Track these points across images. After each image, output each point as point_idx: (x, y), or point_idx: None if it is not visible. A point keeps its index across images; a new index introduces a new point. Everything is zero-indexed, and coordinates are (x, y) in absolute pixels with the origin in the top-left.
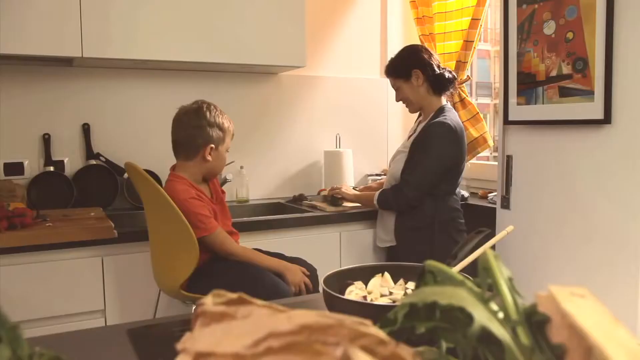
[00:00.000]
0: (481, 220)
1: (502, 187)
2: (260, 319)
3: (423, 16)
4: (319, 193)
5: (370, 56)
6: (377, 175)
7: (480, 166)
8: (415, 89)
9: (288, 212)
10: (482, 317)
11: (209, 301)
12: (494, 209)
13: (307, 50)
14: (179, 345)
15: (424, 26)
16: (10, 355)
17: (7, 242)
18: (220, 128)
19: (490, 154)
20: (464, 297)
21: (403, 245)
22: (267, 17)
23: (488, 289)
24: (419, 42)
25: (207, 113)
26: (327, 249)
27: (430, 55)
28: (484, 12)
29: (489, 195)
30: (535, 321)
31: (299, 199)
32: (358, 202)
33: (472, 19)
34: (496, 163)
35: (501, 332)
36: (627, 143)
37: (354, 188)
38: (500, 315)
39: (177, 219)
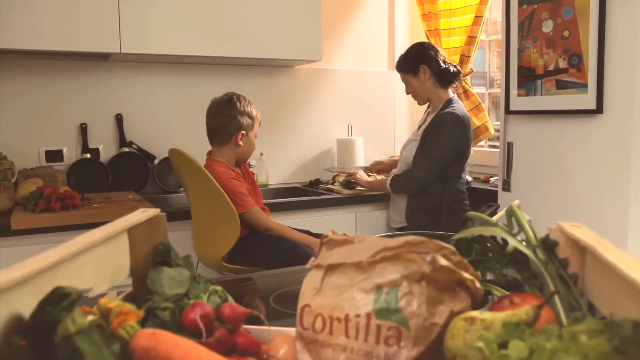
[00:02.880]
0: (484, 202)
1: (503, 171)
2: (374, 241)
3: (429, 12)
4: (333, 178)
5: (378, 50)
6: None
7: (480, 153)
8: (422, 82)
9: (305, 195)
10: (513, 242)
11: (331, 234)
12: (496, 191)
13: None
14: (310, 264)
15: (430, 22)
16: (190, 274)
17: (61, 221)
18: (250, 116)
19: (485, 142)
20: (500, 232)
21: (414, 225)
22: (286, 15)
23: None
24: (424, 37)
25: (238, 103)
26: (344, 229)
27: (437, 51)
28: (487, 9)
29: (491, 179)
30: (547, 244)
31: (315, 183)
32: (370, 188)
33: (475, 16)
34: (494, 150)
35: (526, 250)
36: (617, 130)
37: (366, 167)
38: (524, 243)
39: (220, 198)
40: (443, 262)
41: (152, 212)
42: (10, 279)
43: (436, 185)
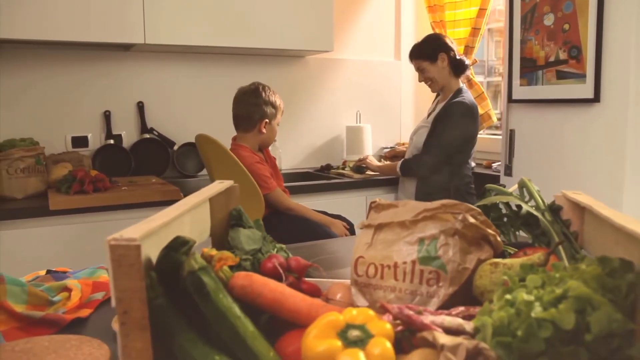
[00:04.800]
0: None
1: (505, 157)
2: (416, 205)
3: (434, 4)
4: (343, 163)
5: (386, 41)
6: (391, 147)
7: (482, 140)
8: (440, 70)
9: (317, 179)
10: (526, 207)
11: (378, 200)
12: (498, 176)
13: None
14: (360, 225)
15: (435, 14)
16: (261, 234)
17: (95, 202)
18: (273, 105)
19: (483, 131)
20: (515, 199)
21: None
22: (300, 7)
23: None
24: (430, 29)
25: (263, 93)
26: (354, 211)
27: (452, 42)
28: (490, 1)
29: (493, 164)
30: (553, 209)
31: (326, 168)
32: (381, 172)
33: (479, 9)
34: (495, 137)
35: (537, 213)
36: (613, 118)
37: (381, 156)
38: (534, 208)
39: (246, 180)
40: (471, 220)
41: (228, 183)
42: (150, 227)
43: (444, 170)
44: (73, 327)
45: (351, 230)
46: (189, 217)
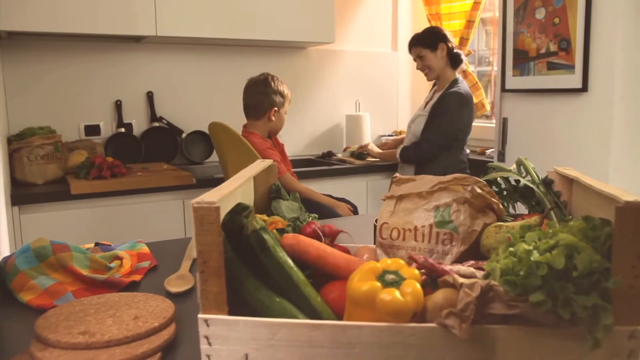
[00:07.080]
0: (482, 171)
1: (498, 143)
2: (431, 178)
3: None
4: (345, 150)
5: (384, 33)
6: (389, 135)
7: (475, 127)
8: (439, 59)
9: (320, 166)
10: (523, 181)
11: (399, 175)
12: (492, 162)
13: None
14: (383, 197)
15: (431, 6)
16: (298, 205)
17: (113, 186)
18: (282, 95)
19: (476, 119)
20: (513, 174)
21: None
22: (302, 0)
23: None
24: (427, 21)
25: (272, 83)
26: (357, 194)
27: (450, 36)
28: None
29: (487, 151)
30: (547, 182)
31: (327, 155)
32: (381, 158)
33: (474, 2)
34: (488, 125)
35: (532, 186)
36: (600, 107)
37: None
38: (529, 182)
39: None
40: (479, 191)
41: (268, 162)
42: (223, 194)
43: (441, 156)
44: (130, 288)
45: (355, 212)
46: (240, 190)
